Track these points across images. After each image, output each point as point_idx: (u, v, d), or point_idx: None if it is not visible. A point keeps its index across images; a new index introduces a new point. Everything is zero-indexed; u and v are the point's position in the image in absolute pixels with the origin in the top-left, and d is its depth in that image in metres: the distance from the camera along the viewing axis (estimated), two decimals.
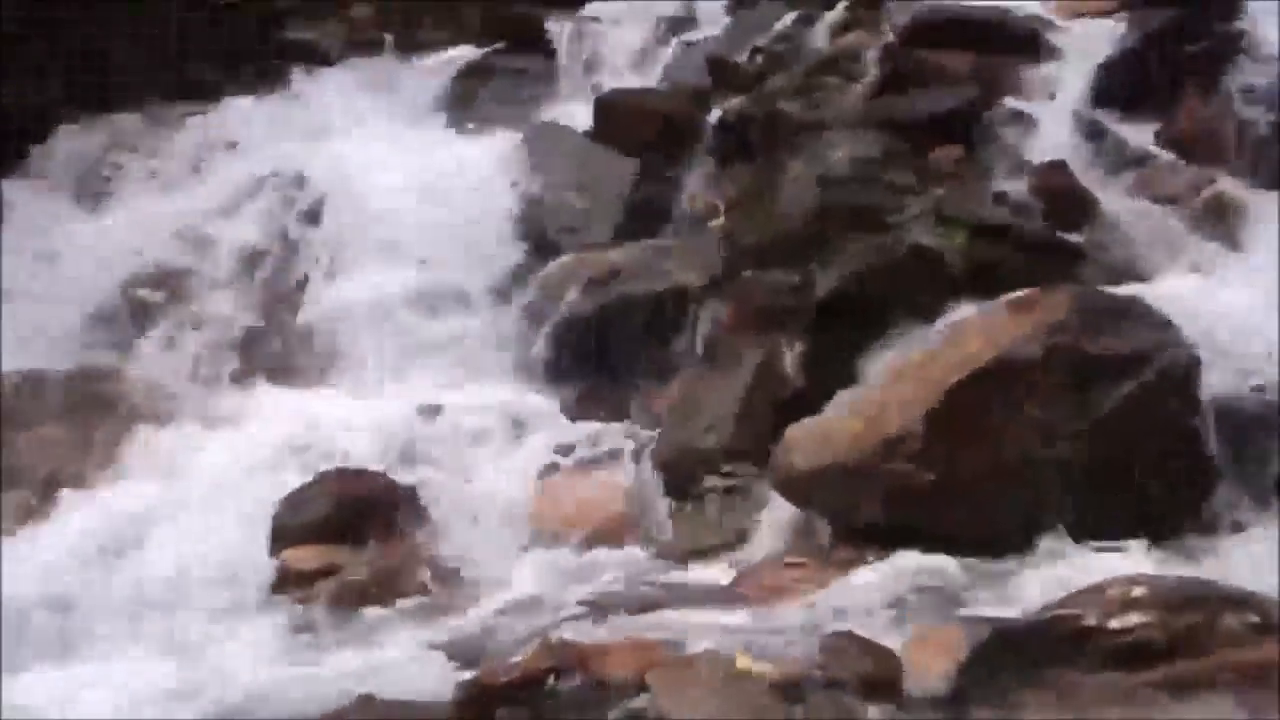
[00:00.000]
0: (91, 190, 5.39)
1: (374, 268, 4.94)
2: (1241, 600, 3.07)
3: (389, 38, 6.13)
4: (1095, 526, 3.59)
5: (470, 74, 5.92)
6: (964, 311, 4.05)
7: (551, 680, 3.03)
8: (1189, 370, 3.74)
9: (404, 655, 3.34)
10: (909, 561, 3.57)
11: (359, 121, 5.58)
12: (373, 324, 4.80)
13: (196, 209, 5.20)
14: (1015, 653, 3.00)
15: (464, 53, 6.00)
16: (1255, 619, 3.02)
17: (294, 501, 3.92)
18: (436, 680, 3.18)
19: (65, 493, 4.11)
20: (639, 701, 2.97)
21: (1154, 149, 4.82)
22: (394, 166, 5.19)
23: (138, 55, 5.79)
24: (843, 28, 5.41)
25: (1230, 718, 2.82)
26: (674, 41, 5.84)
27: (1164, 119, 4.90)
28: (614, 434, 4.24)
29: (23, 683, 3.36)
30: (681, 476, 4.07)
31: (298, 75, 5.89)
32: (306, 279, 4.95)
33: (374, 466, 4.09)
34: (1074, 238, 4.41)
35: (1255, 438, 3.71)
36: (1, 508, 4.03)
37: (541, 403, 4.42)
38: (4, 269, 4.97)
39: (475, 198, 5.05)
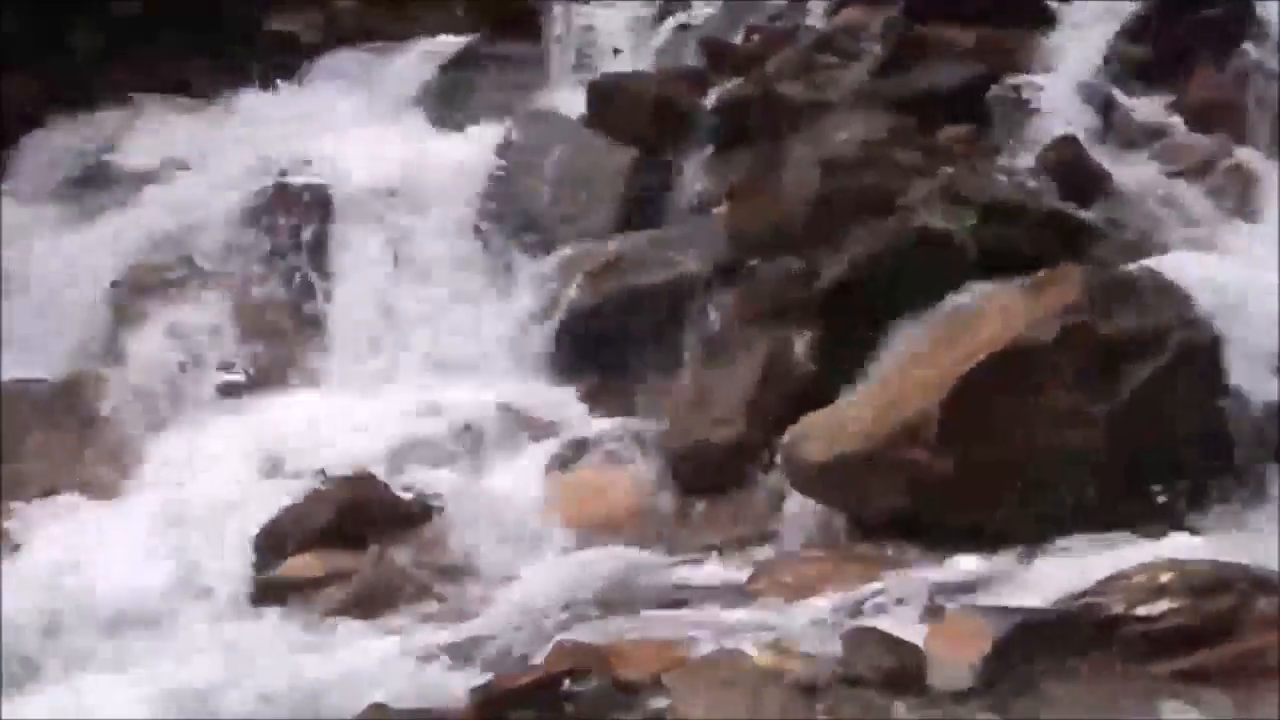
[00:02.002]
0: (72, 192, 5.39)
1: (367, 267, 4.96)
2: (1274, 583, 3.10)
3: (372, 28, 6.12)
4: (1120, 511, 3.61)
5: (457, 63, 5.91)
6: (976, 294, 4.08)
7: (568, 683, 3.05)
8: (1210, 348, 3.77)
9: (414, 661, 3.36)
10: (929, 552, 3.60)
11: (345, 116, 5.59)
12: (368, 323, 4.82)
13: (181, 209, 5.20)
14: (1041, 643, 3.03)
15: (450, 41, 6.00)
16: None
17: (296, 507, 3.94)
18: (449, 686, 3.20)
19: (56, 504, 4.12)
20: (658, 703, 3.00)
21: (1167, 121, 4.85)
22: (383, 161, 5.19)
23: (116, 50, 5.79)
24: (841, 3, 5.42)
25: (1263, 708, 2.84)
26: (667, 23, 5.85)
27: (1177, 89, 4.92)
28: (621, 429, 4.26)
29: (18, 700, 3.38)
30: (693, 471, 4.09)
31: (280, 69, 5.89)
32: (299, 279, 4.96)
33: (376, 469, 4.12)
34: (1087, 215, 4.43)
35: None
36: None
37: (546, 399, 4.44)
38: None
39: (468, 191, 5.06)
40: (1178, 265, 4.01)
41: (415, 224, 5.01)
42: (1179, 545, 3.46)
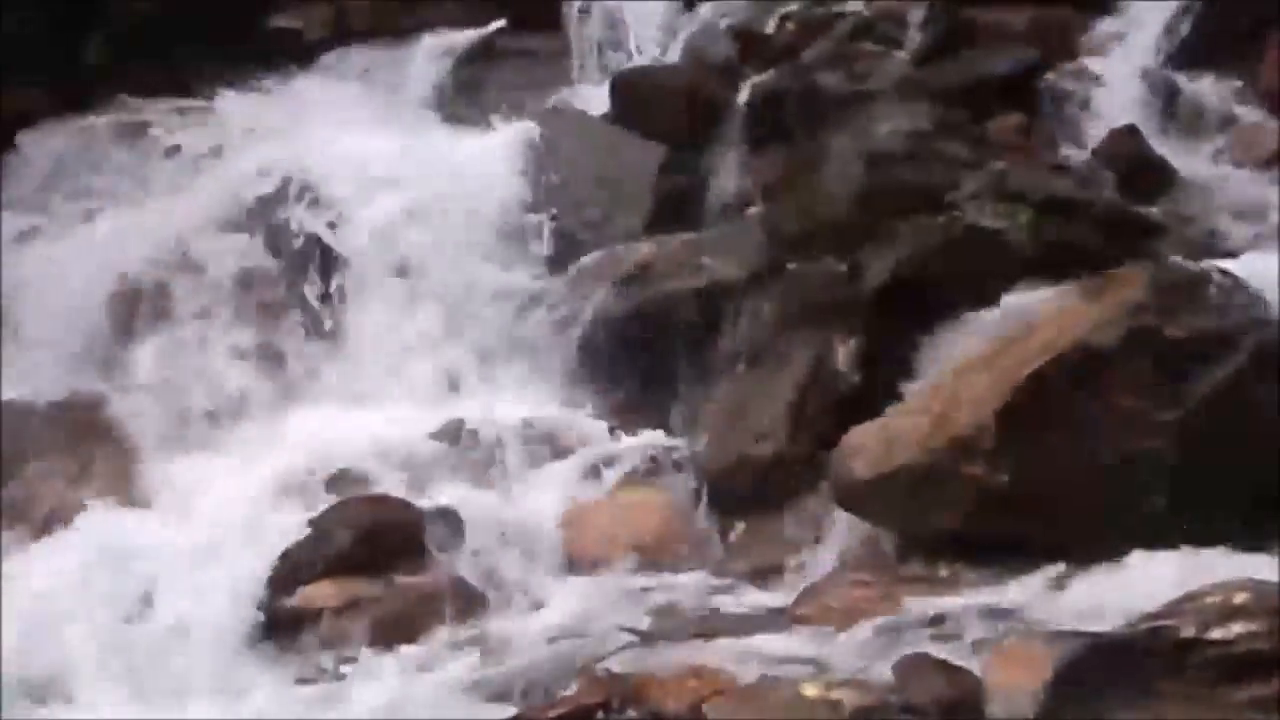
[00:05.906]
0: (69, 200, 5.46)
1: (380, 275, 5.01)
2: None
3: (382, 23, 6.17)
4: (1190, 527, 3.62)
5: (474, 58, 5.96)
6: (1033, 296, 4.10)
7: (600, 715, 3.09)
8: None
9: (438, 693, 3.41)
10: (986, 572, 3.62)
11: (355, 117, 5.64)
12: (385, 337, 4.86)
13: (183, 218, 5.25)
14: (1107, 669, 3.05)
15: (465, 35, 6.05)
16: None
17: (312, 533, 3.99)
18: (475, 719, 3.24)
19: (63, 530, 4.17)
20: None
21: (1236, 108, 4.85)
22: (397, 165, 5.23)
23: (113, 49, 5.87)
24: None
25: None
26: (696, 12, 5.89)
27: (1246, 74, 4.92)
28: (655, 445, 4.30)
29: None
30: (732, 489, 4.13)
31: (285, 68, 5.95)
32: (310, 292, 5.01)
33: (395, 491, 4.16)
34: (1150, 210, 4.44)
35: None
36: None
37: (574, 414, 4.48)
38: None
39: (489, 195, 5.10)
40: (1248, 263, 4.02)
41: (430, 229, 5.05)
42: (1255, 563, 3.47)
